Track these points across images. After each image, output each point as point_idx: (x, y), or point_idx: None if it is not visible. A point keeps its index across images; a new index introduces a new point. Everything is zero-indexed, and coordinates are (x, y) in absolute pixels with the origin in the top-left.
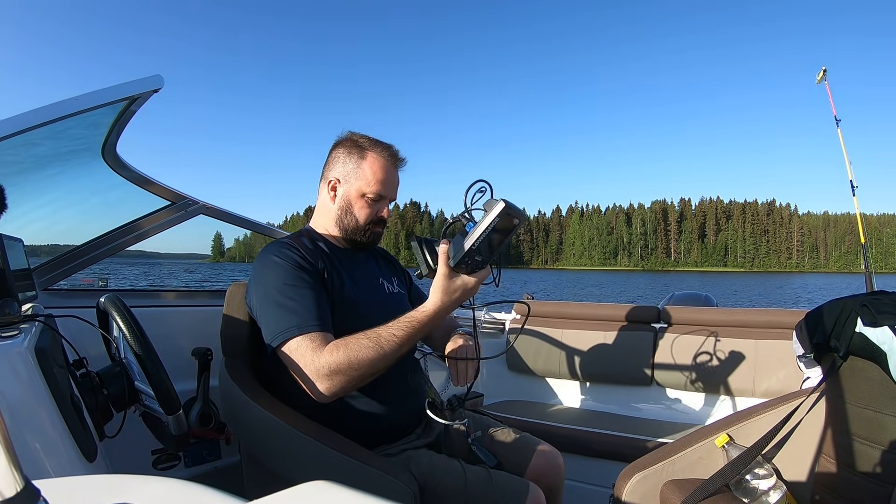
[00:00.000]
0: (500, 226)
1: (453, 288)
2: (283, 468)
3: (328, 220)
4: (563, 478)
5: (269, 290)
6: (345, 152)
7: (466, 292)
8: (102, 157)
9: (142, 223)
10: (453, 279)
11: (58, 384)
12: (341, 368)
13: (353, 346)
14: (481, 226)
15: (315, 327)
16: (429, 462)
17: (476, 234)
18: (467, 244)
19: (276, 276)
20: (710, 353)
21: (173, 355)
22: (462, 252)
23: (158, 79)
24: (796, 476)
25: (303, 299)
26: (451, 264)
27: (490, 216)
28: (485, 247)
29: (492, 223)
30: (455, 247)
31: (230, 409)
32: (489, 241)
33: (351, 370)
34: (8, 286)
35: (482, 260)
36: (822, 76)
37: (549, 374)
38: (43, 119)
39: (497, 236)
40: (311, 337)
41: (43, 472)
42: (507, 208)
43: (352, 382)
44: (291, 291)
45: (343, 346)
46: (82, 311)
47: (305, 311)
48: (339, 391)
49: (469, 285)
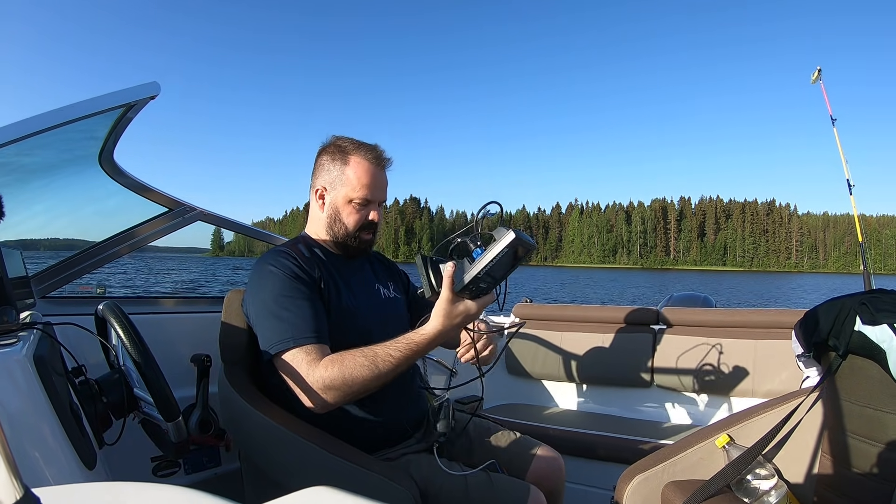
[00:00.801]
0: (507, 255)
1: (455, 313)
2: (284, 474)
3: (320, 227)
4: (563, 480)
5: (266, 300)
6: (329, 159)
7: (468, 317)
8: (100, 165)
9: (139, 230)
10: (456, 304)
11: (57, 392)
12: (335, 384)
13: (348, 363)
14: (489, 255)
15: (311, 339)
16: (429, 466)
17: (483, 264)
18: (473, 272)
19: (272, 287)
20: (709, 354)
21: (172, 362)
22: (468, 279)
23: (155, 86)
24: (797, 475)
25: (299, 310)
26: (456, 290)
27: (499, 246)
28: (490, 275)
29: (500, 253)
30: (460, 272)
31: (229, 416)
32: (497, 268)
33: (345, 387)
34: (6, 294)
35: (486, 287)
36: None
37: (549, 377)
38: (40, 127)
39: (504, 265)
40: (306, 350)
41: (42, 480)
42: (518, 240)
43: (345, 398)
44: (288, 302)
45: (339, 363)
46: (81, 318)
47: (302, 323)
48: (333, 405)
49: (472, 311)
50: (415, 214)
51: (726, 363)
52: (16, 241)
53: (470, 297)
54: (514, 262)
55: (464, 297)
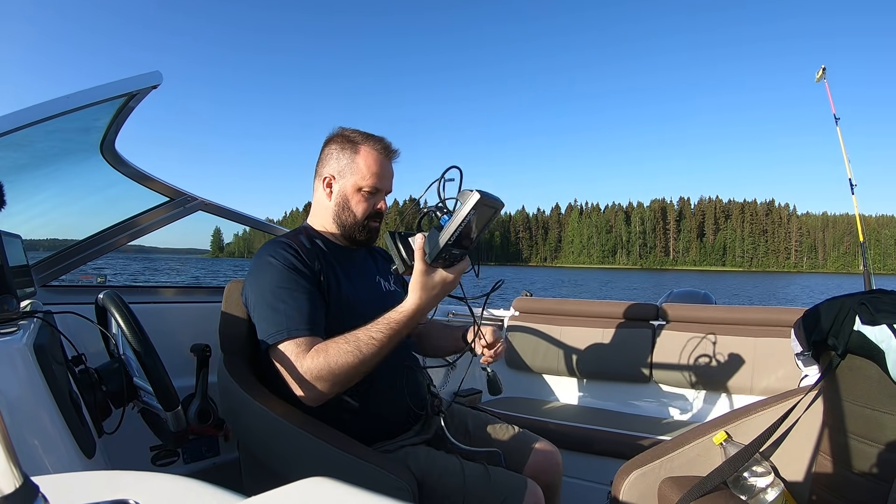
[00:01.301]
0: (476, 216)
1: (432, 284)
2: (282, 464)
3: (325, 217)
4: (561, 475)
5: (264, 291)
6: (337, 148)
7: (446, 287)
8: (101, 154)
9: (140, 219)
10: (431, 275)
11: (56, 381)
12: (322, 374)
13: (332, 351)
14: (456, 219)
15: (303, 331)
16: (427, 458)
17: (451, 228)
18: (443, 239)
19: (270, 278)
20: (708, 351)
21: (172, 352)
22: (438, 248)
23: (157, 75)
24: (794, 474)
25: (294, 302)
26: (428, 260)
27: (465, 209)
28: (462, 239)
29: (467, 216)
30: (431, 242)
31: (229, 406)
32: (466, 233)
33: (332, 375)
34: (6, 282)
35: (460, 253)
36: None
37: (548, 371)
38: (42, 115)
39: (474, 227)
40: (297, 342)
41: (42, 468)
42: (483, 199)
43: (335, 386)
44: (284, 294)
45: (323, 352)
46: (81, 307)
47: (296, 314)
48: (325, 395)
49: (448, 280)
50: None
51: (725, 360)
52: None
53: (444, 266)
54: (486, 224)
55: (438, 266)
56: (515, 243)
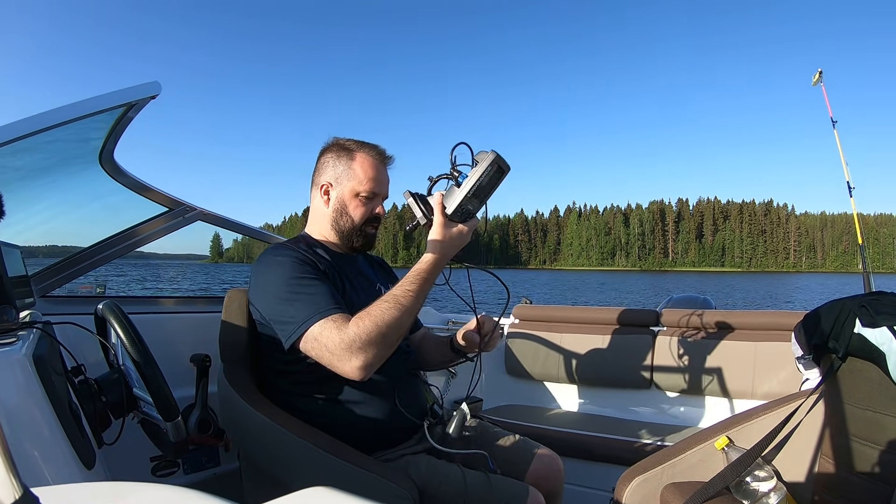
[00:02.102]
0: (489, 176)
1: (450, 236)
2: (283, 474)
3: (323, 224)
4: (562, 482)
5: (278, 289)
6: (333, 156)
7: (461, 239)
8: (100, 164)
9: (139, 230)
10: (449, 227)
11: (56, 391)
12: (371, 336)
13: (374, 312)
14: (475, 174)
15: (334, 310)
16: (428, 467)
17: (471, 183)
18: (463, 192)
19: (281, 274)
20: (708, 356)
21: (172, 362)
22: (460, 199)
23: (156, 85)
24: (796, 477)
25: (315, 287)
26: (448, 213)
27: (483, 164)
28: (477, 195)
29: (485, 171)
30: (449, 197)
31: (229, 416)
32: (481, 190)
33: (380, 335)
34: (6, 293)
35: (473, 209)
36: (819, 78)
37: (548, 378)
38: (40, 126)
39: (487, 186)
40: (332, 318)
41: (41, 479)
42: (498, 157)
43: (382, 350)
44: (300, 284)
45: (366, 316)
46: (80, 317)
47: (321, 297)
48: (373, 361)
49: (463, 232)
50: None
51: (726, 365)
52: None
53: (460, 221)
54: (496, 182)
55: (454, 220)
56: (514, 246)
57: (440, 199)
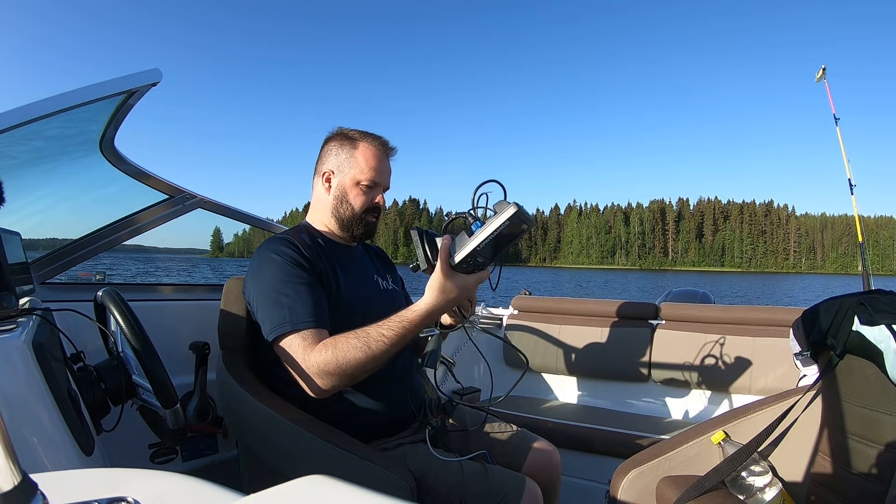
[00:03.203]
0: (507, 229)
1: (450, 287)
2: (280, 462)
3: (324, 213)
4: (559, 473)
5: (266, 286)
6: (337, 145)
7: (463, 293)
8: (100, 151)
9: (140, 217)
10: (451, 278)
11: (55, 378)
12: (329, 368)
13: (341, 345)
14: (490, 227)
15: (308, 324)
16: (426, 457)
17: (483, 235)
18: (472, 244)
19: (272, 273)
20: (707, 350)
21: (171, 349)
22: (466, 252)
23: (157, 72)
24: (792, 473)
25: (298, 295)
26: (453, 263)
27: (500, 218)
28: (489, 249)
29: (501, 225)
30: (458, 245)
31: (227, 404)
32: (495, 243)
33: (339, 370)
34: (5, 280)
35: (483, 262)
36: (822, 74)
37: (547, 370)
38: (41, 112)
39: (503, 239)
40: (302, 335)
41: (40, 465)
42: (520, 213)
43: (342, 381)
44: (287, 288)
45: (332, 346)
46: (80, 304)
47: (300, 308)
48: (331, 389)
49: (467, 286)
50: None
51: (724, 360)
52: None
53: (466, 272)
54: (513, 238)
55: (460, 271)
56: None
57: (447, 244)
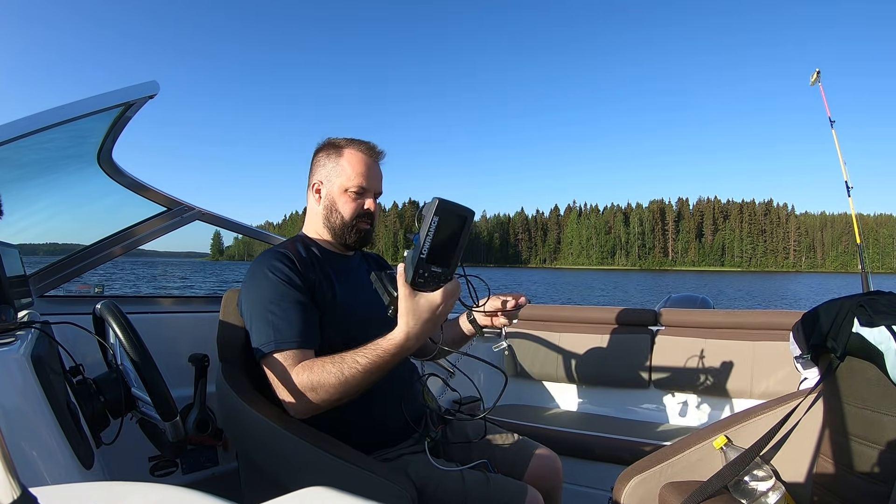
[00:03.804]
0: (445, 225)
1: (419, 308)
2: (281, 474)
3: (317, 223)
4: (561, 481)
5: (256, 302)
6: (324, 155)
7: (436, 313)
8: (98, 164)
9: (138, 229)
10: (416, 298)
11: (54, 391)
12: (306, 390)
13: (317, 369)
14: (422, 230)
15: (292, 344)
16: (427, 466)
17: (421, 241)
18: (416, 254)
19: (263, 290)
20: (707, 355)
21: (170, 361)
22: (413, 264)
23: (154, 85)
24: (795, 477)
25: (286, 314)
26: (408, 280)
27: (427, 218)
28: (437, 254)
29: (431, 223)
30: (407, 262)
31: (227, 416)
32: (440, 246)
33: (314, 393)
34: (4, 293)
35: (442, 271)
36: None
37: (547, 378)
38: (38, 125)
39: (448, 239)
40: (285, 354)
41: (40, 479)
42: (442, 202)
43: (320, 404)
44: (275, 307)
45: (308, 369)
46: (79, 317)
47: (286, 327)
48: (309, 410)
49: (435, 303)
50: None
51: (724, 364)
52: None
53: (430, 289)
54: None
55: (424, 290)
56: (514, 245)
57: (401, 268)
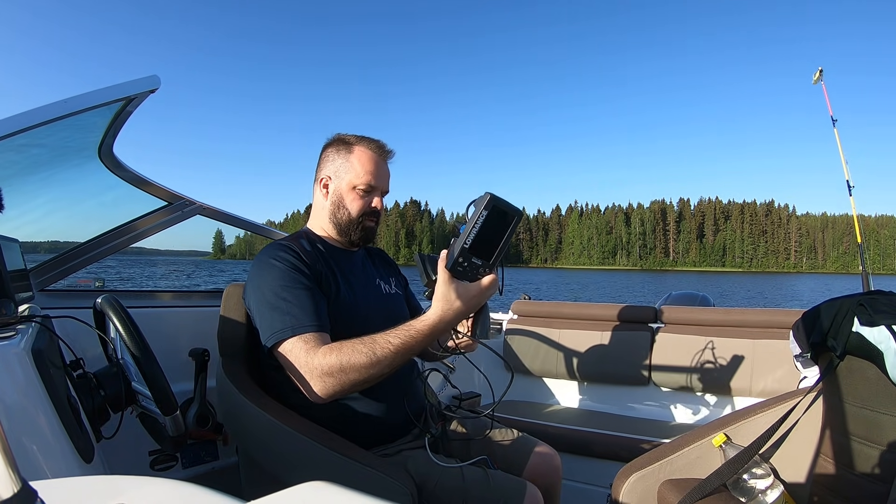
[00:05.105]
0: (492, 221)
1: (453, 295)
2: (281, 469)
3: (323, 218)
4: (560, 478)
5: (266, 292)
6: (333, 150)
7: (470, 301)
8: (99, 158)
9: (139, 224)
10: (453, 285)
11: (55, 385)
12: (333, 371)
13: (346, 350)
14: (471, 222)
15: (310, 328)
16: (426, 462)
17: (467, 231)
18: (459, 243)
19: (272, 279)
20: (707, 353)
21: (170, 356)
22: (456, 251)
23: (155, 79)
24: (794, 475)
25: (298, 300)
26: (448, 266)
27: (478, 211)
28: (480, 247)
29: (479, 216)
30: (451, 250)
31: (227, 410)
32: (484, 239)
33: (343, 374)
34: (4, 287)
35: (482, 264)
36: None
37: (547, 375)
38: (39, 120)
39: (493, 234)
40: (304, 338)
41: (40, 473)
42: (494, 199)
43: (346, 386)
44: (287, 293)
45: (337, 350)
46: (79, 311)
47: (301, 312)
48: (334, 394)
49: (472, 292)
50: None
51: (724, 362)
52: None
53: (469, 279)
54: (505, 232)
55: (462, 278)
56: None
57: (444, 254)
